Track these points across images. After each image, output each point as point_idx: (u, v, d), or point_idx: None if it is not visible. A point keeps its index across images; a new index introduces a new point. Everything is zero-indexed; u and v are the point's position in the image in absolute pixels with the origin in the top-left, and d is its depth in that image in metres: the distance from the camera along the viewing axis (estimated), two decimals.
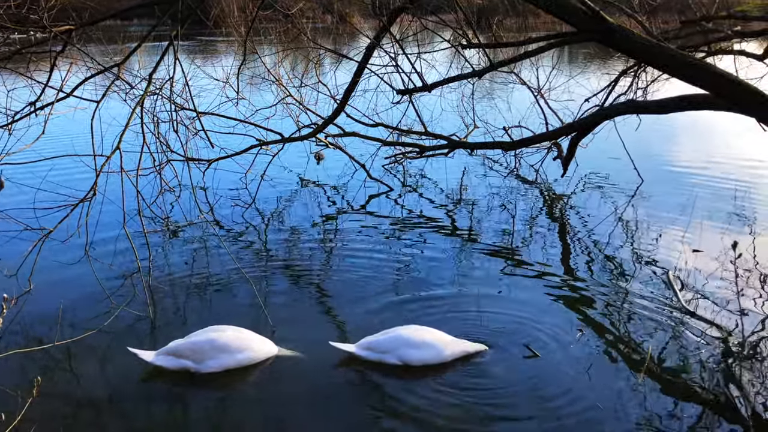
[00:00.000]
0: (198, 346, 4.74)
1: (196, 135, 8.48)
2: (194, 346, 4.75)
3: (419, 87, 7.50)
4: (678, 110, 6.54)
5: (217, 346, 4.76)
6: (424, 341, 4.91)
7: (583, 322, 5.59)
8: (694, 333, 5.35)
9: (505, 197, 9.39)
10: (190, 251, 7.28)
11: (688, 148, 12.61)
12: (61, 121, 7.10)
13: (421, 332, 5.00)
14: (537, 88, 11.28)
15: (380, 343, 4.89)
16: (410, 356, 4.86)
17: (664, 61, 5.64)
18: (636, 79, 10.33)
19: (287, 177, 10.46)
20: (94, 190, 5.80)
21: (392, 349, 4.86)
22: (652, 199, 9.13)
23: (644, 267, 6.71)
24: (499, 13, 19.13)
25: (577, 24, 5.81)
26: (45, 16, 6.01)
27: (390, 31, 7.90)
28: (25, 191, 7.01)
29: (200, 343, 4.76)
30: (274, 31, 12.34)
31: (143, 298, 5.84)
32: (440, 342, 4.96)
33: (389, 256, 7.06)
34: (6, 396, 4.28)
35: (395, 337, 4.91)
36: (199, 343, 4.75)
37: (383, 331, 5.06)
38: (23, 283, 5.08)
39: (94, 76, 6.77)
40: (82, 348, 5.00)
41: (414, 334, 4.94)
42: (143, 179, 6.56)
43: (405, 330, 4.99)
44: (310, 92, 10.50)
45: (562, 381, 4.70)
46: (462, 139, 10.15)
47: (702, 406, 4.42)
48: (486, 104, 13.72)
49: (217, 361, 4.76)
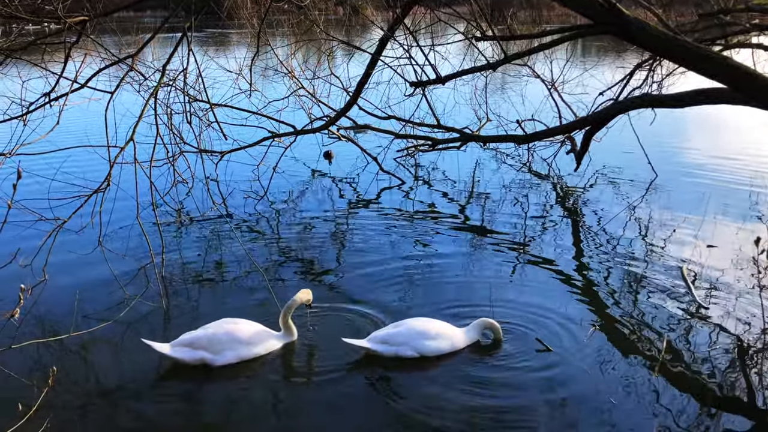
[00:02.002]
0: (215, 338, 4.78)
1: (209, 127, 8.48)
2: (211, 338, 4.78)
3: (433, 79, 7.46)
4: (694, 104, 6.47)
5: (234, 338, 4.81)
6: (438, 332, 4.95)
7: (596, 317, 5.56)
8: (708, 328, 5.31)
9: (518, 191, 9.35)
10: (203, 242, 7.31)
11: (703, 143, 12.49)
12: (76, 112, 7.12)
13: (432, 323, 5.02)
14: (551, 81, 11.20)
15: (394, 335, 4.88)
16: (427, 347, 4.87)
17: (680, 55, 5.57)
18: (651, 72, 10.24)
19: (299, 169, 10.47)
20: (108, 181, 5.82)
21: (407, 342, 4.86)
22: (666, 193, 9.07)
23: (658, 262, 6.66)
24: (513, 5, 19.00)
25: (593, 16, 5.75)
26: (60, 8, 6.02)
27: (404, 22, 7.86)
28: (40, 182, 7.04)
29: (218, 334, 4.80)
30: (286, 23, 12.33)
31: (156, 288, 5.86)
32: (452, 332, 5.00)
33: (401, 249, 7.05)
34: (22, 385, 4.31)
35: (409, 329, 4.91)
36: (216, 335, 4.80)
37: (392, 325, 5.06)
38: (38, 273, 5.10)
39: (108, 67, 6.79)
40: (95, 338, 5.03)
41: (428, 326, 4.96)
42: (156, 170, 6.57)
43: (416, 322, 4.99)
44: (322, 84, 10.49)
45: (575, 375, 4.67)
46: (475, 133, 10.12)
47: (716, 401, 4.39)
48: (499, 97, 13.65)
49: (234, 352, 4.80)
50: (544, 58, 11.46)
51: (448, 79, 7.40)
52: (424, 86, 8.22)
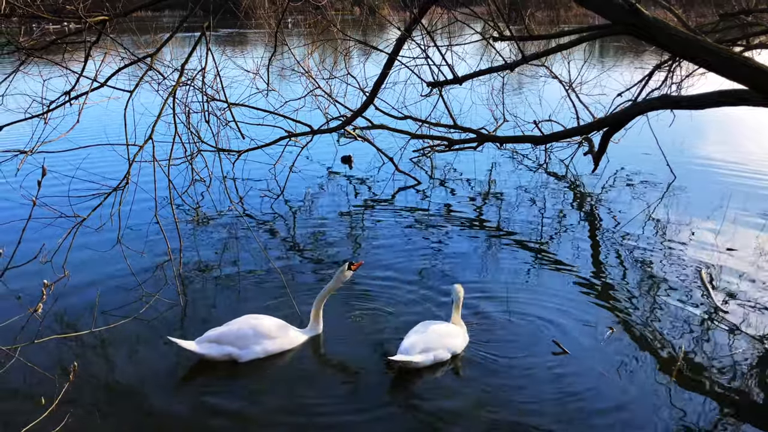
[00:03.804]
0: (242, 333, 4.85)
1: (227, 126, 8.53)
2: (238, 333, 4.84)
3: (450, 79, 7.46)
4: (715, 106, 6.41)
5: (259, 333, 4.88)
6: (456, 330, 5.00)
7: (613, 320, 5.52)
8: (727, 333, 5.25)
9: (535, 192, 9.31)
10: (220, 241, 7.35)
11: (722, 144, 12.36)
12: (95, 111, 7.19)
13: (446, 325, 5.03)
14: (568, 82, 11.15)
15: (428, 341, 4.80)
16: (456, 346, 4.93)
17: (701, 55, 5.54)
18: (671, 73, 10.16)
19: (315, 169, 10.50)
20: (127, 179, 5.87)
21: (441, 345, 4.83)
22: (684, 195, 8.99)
23: (676, 265, 6.60)
24: (531, 5, 18.92)
25: (612, 17, 5.72)
26: (81, 7, 6.08)
27: (421, 22, 7.86)
28: (60, 179, 7.11)
29: (244, 329, 4.86)
30: (304, 23, 12.37)
31: (174, 286, 5.91)
32: (458, 329, 5.09)
33: (416, 249, 7.05)
34: (44, 379, 4.36)
35: (438, 333, 4.88)
36: (242, 330, 4.86)
37: (411, 333, 4.92)
38: (58, 270, 5.15)
39: (128, 67, 6.85)
40: (115, 334, 5.08)
41: (448, 328, 4.98)
42: (175, 169, 6.64)
43: (437, 325, 4.97)
44: (339, 84, 10.51)
45: (592, 379, 4.64)
46: (491, 133, 10.10)
47: (735, 407, 4.34)
48: (516, 97, 13.61)
49: (261, 347, 4.87)
50: (562, 59, 11.41)
51: (465, 80, 7.40)
52: (441, 86, 8.22)
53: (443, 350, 4.83)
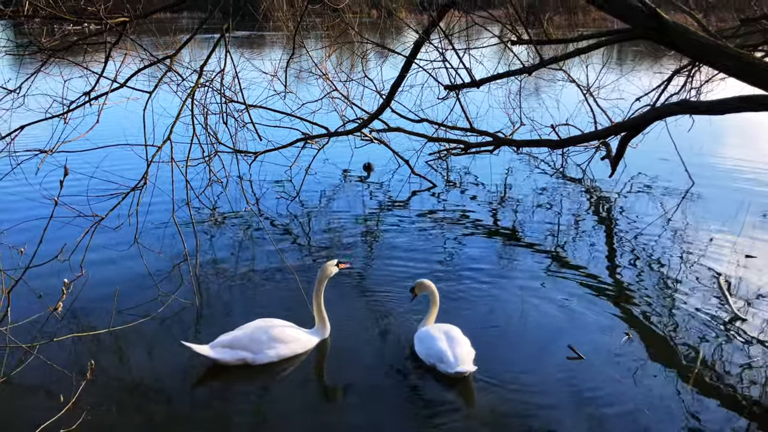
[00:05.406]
0: (255, 337, 4.88)
1: (244, 127, 8.58)
2: (251, 337, 4.87)
3: (467, 83, 7.45)
4: (735, 111, 6.32)
5: (273, 337, 4.91)
6: (463, 336, 4.92)
7: (629, 325, 5.48)
8: (745, 340, 5.19)
9: (551, 196, 9.27)
10: (236, 241, 7.39)
11: (742, 150, 12.22)
12: (115, 112, 7.26)
13: (456, 329, 4.98)
14: (586, 86, 11.09)
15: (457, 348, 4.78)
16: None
17: (722, 60, 5.49)
18: (690, 78, 10.06)
19: (331, 171, 10.52)
20: (145, 179, 5.92)
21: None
22: (702, 201, 8.90)
23: (694, 271, 6.54)
24: (549, 8, 18.86)
25: (632, 21, 5.69)
26: (101, 9, 6.15)
27: (439, 26, 7.86)
28: (79, 179, 7.18)
29: (257, 334, 4.89)
30: (321, 26, 12.40)
31: (189, 286, 5.95)
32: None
33: (432, 252, 7.04)
34: (62, 377, 4.41)
35: (460, 339, 4.85)
36: (255, 335, 4.89)
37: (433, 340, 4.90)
38: (75, 269, 5.20)
39: (147, 68, 6.91)
40: (132, 334, 5.12)
41: (458, 332, 4.93)
42: (192, 170, 6.67)
43: (453, 330, 4.95)
44: (356, 87, 10.54)
45: (607, 385, 4.61)
46: (508, 137, 10.05)
47: (752, 416, 4.28)
48: (533, 101, 13.56)
49: (274, 351, 4.89)
50: (580, 63, 11.36)
51: (483, 83, 7.38)
52: (458, 89, 8.21)
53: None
